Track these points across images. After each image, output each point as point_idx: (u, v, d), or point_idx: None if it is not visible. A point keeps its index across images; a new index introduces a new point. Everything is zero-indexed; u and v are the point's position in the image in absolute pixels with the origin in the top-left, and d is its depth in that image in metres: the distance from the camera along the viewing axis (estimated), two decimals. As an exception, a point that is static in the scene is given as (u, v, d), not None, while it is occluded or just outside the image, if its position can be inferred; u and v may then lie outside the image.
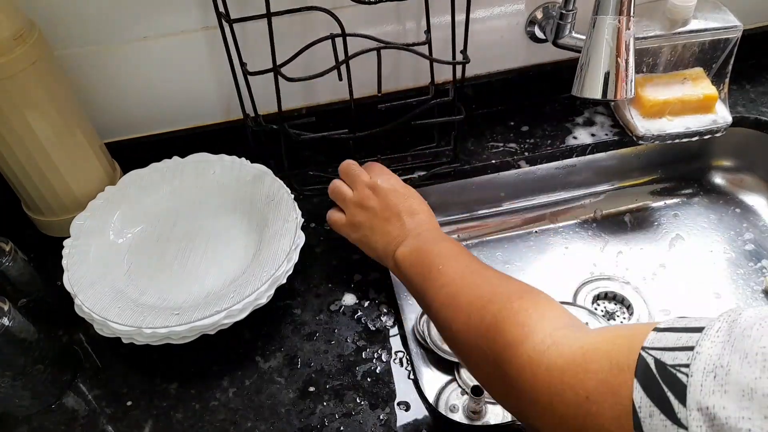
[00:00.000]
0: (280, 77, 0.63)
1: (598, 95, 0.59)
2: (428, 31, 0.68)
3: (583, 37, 0.60)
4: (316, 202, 0.75)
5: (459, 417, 0.63)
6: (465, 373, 0.66)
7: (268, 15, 0.59)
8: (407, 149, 0.79)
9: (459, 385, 0.65)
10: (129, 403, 0.58)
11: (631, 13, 0.56)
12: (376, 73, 0.65)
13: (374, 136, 0.69)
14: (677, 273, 0.78)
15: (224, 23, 0.62)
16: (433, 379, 0.68)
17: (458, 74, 0.69)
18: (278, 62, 0.62)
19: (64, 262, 0.62)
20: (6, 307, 0.53)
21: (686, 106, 0.77)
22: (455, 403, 0.64)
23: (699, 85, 0.78)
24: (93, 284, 0.60)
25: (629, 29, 0.57)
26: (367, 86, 0.73)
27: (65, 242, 0.63)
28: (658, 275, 0.78)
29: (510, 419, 0.58)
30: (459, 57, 0.67)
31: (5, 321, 0.52)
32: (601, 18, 0.57)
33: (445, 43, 0.69)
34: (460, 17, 0.65)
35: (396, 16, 0.73)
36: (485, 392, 0.60)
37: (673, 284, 0.77)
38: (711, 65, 0.80)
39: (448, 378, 0.67)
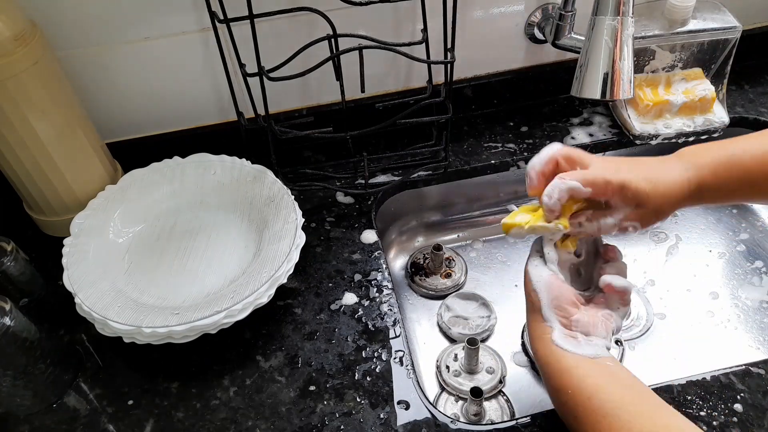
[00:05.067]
0: (264, 77, 0.64)
1: (597, 95, 0.59)
2: (425, 30, 0.68)
3: (582, 38, 0.60)
4: (316, 202, 0.76)
5: (462, 423, 0.63)
6: (452, 381, 0.65)
7: (251, 17, 0.60)
8: (405, 148, 0.79)
9: (450, 395, 0.65)
10: (130, 402, 0.58)
11: (630, 14, 0.57)
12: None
13: (371, 134, 0.69)
14: (676, 273, 0.78)
15: (217, 24, 0.62)
16: (435, 378, 0.68)
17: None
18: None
19: (64, 261, 0.62)
20: (7, 307, 0.53)
21: (684, 106, 0.78)
22: (455, 412, 0.64)
23: (697, 86, 0.78)
24: (93, 283, 0.60)
25: (628, 30, 0.57)
26: (367, 86, 0.73)
27: (65, 241, 0.63)
28: (657, 276, 0.78)
29: (511, 419, 0.57)
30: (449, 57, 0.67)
31: (7, 320, 0.52)
32: (600, 19, 0.57)
33: (442, 44, 0.69)
34: (459, 18, 0.65)
35: (395, 17, 0.74)
36: (484, 392, 0.60)
37: (672, 285, 0.77)
38: (710, 65, 0.80)
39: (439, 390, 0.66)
